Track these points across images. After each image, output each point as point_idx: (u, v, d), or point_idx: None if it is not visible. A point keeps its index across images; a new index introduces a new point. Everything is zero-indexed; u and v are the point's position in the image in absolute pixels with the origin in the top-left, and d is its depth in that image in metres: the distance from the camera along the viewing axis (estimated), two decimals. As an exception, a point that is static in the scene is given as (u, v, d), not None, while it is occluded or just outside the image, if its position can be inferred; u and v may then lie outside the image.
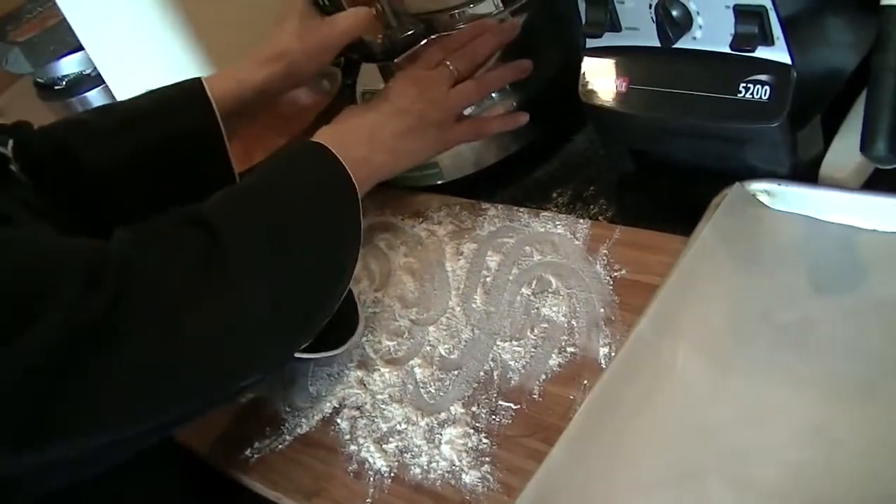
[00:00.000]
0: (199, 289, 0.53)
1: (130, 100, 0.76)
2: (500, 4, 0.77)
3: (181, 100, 0.72)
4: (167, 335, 0.51)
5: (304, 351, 0.63)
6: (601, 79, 0.67)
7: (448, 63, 0.73)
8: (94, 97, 1.24)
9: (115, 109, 0.77)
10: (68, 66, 1.27)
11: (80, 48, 1.05)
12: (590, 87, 0.68)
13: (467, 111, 0.75)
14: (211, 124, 0.70)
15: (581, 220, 0.69)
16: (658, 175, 0.71)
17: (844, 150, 0.60)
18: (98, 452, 0.54)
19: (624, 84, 0.66)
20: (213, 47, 0.96)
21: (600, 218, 0.70)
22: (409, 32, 0.78)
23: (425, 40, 0.77)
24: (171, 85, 0.74)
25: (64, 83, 1.28)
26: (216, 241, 0.54)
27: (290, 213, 0.60)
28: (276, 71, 0.73)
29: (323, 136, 0.67)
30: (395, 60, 0.75)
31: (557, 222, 0.70)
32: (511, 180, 0.79)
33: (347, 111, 0.72)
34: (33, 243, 0.51)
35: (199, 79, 0.72)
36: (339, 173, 0.63)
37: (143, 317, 0.50)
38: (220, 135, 0.71)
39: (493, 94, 0.77)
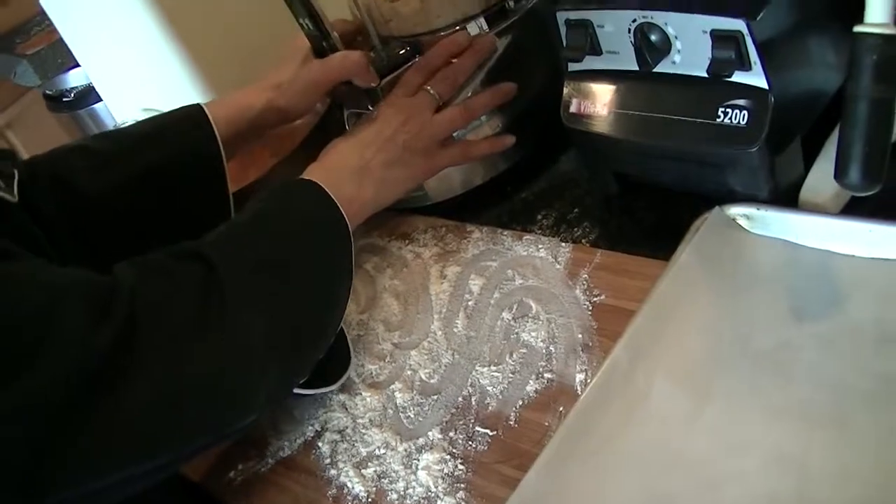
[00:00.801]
0: (200, 320, 0.54)
1: (131, 126, 0.78)
2: (486, 26, 0.76)
3: (183, 124, 0.73)
4: (172, 367, 0.51)
5: (301, 386, 0.64)
6: (582, 102, 0.67)
7: (428, 87, 0.73)
8: (102, 109, 1.25)
9: (115, 136, 0.78)
10: (76, 78, 1.28)
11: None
12: (571, 110, 0.68)
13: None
14: (212, 148, 0.72)
15: (563, 244, 0.69)
16: (642, 198, 0.71)
17: (824, 175, 0.60)
18: (105, 490, 0.54)
19: (605, 108, 0.66)
20: (205, 65, 0.97)
21: (584, 241, 0.69)
22: (402, 52, 0.78)
23: (411, 63, 0.77)
24: (172, 110, 0.75)
25: (72, 95, 1.29)
26: (213, 274, 0.56)
27: (285, 248, 0.61)
28: (273, 99, 0.75)
29: (314, 174, 0.68)
30: (381, 84, 0.75)
31: (540, 245, 0.70)
32: (498, 201, 0.78)
33: (334, 144, 0.73)
34: (31, 280, 0.51)
35: (199, 104, 0.74)
36: (332, 211, 0.64)
37: (150, 348, 0.51)
38: (220, 158, 0.72)
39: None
